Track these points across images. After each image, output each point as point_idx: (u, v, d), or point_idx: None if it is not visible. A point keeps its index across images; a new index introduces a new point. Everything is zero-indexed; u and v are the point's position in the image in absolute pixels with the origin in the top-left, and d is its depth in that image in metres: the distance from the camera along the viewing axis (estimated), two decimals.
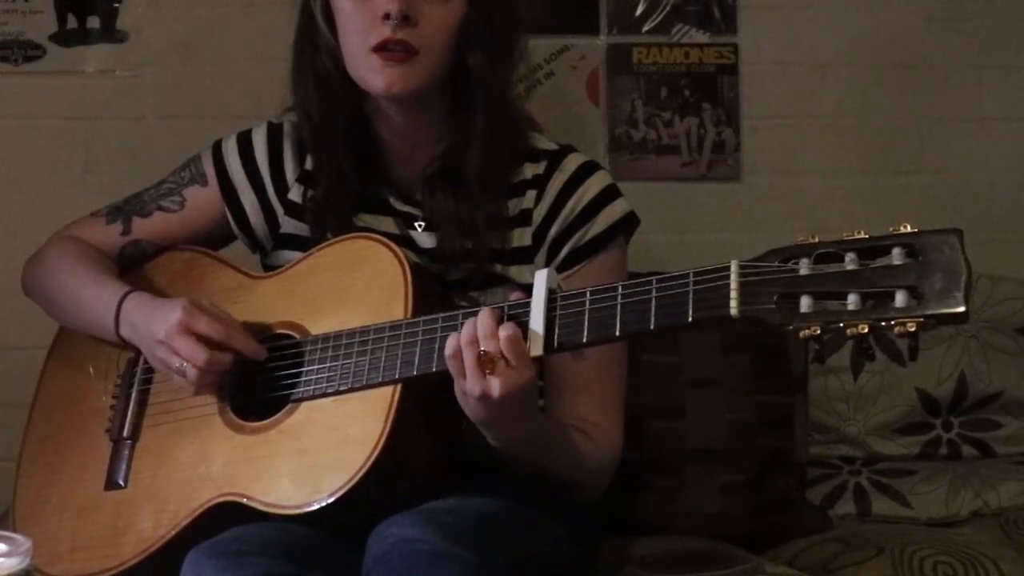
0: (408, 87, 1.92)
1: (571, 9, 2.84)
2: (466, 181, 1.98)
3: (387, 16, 1.89)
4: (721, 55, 2.85)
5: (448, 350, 1.71)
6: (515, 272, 1.99)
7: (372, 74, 1.93)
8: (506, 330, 1.68)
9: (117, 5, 2.75)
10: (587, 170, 2.02)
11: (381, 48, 1.90)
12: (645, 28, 2.84)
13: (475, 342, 1.69)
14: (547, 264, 1.97)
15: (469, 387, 1.70)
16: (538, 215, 2.00)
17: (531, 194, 2.01)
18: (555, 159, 2.02)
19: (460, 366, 1.70)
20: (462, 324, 1.72)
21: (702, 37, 2.85)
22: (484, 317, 1.70)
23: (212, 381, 1.91)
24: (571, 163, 2.02)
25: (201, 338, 1.88)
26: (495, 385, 1.68)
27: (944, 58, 2.89)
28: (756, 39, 2.86)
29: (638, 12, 2.83)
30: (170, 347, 1.89)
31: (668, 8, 2.84)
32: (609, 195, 2.00)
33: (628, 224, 2.02)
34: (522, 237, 2.00)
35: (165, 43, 2.77)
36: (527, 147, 2.05)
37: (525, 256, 2.00)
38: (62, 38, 2.75)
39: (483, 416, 1.74)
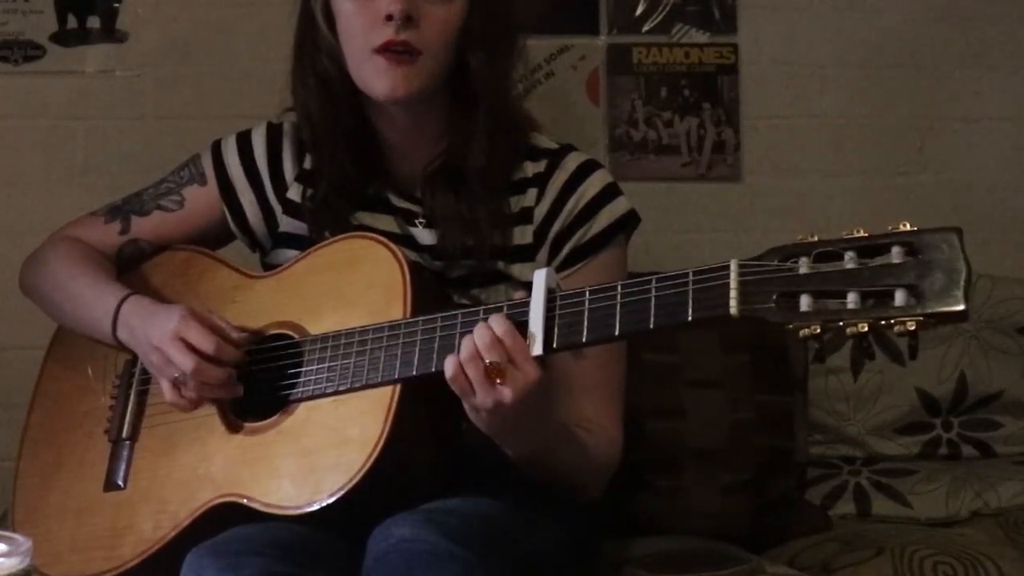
0: (411, 90, 1.92)
1: (571, 9, 2.84)
2: (467, 179, 1.98)
3: (390, 17, 1.89)
4: (721, 55, 2.85)
5: (449, 372, 1.69)
6: (517, 270, 1.99)
7: (375, 77, 1.92)
8: (501, 328, 1.68)
9: (117, 5, 2.75)
10: (588, 169, 2.02)
11: (384, 49, 1.91)
12: (645, 28, 2.84)
13: (477, 356, 1.67)
14: (548, 262, 1.97)
15: (480, 402, 1.68)
16: (539, 213, 2.00)
17: (532, 192, 2.01)
18: (556, 158, 2.03)
19: (466, 384, 1.69)
20: (460, 335, 1.72)
21: (702, 37, 2.85)
22: (481, 329, 1.69)
23: (205, 393, 1.90)
24: (572, 162, 2.02)
25: (194, 349, 1.88)
26: (507, 393, 1.67)
27: (944, 58, 2.89)
28: (756, 39, 2.86)
29: (638, 12, 2.83)
30: (164, 354, 1.89)
31: (668, 8, 2.84)
32: (610, 193, 2.01)
33: (629, 222, 2.02)
34: (523, 235, 2.00)
35: (165, 43, 2.77)
36: (528, 146, 2.05)
37: (527, 254, 2.00)
38: (62, 38, 2.75)
39: (498, 427, 1.73)
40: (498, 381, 1.67)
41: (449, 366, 1.69)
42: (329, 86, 2.00)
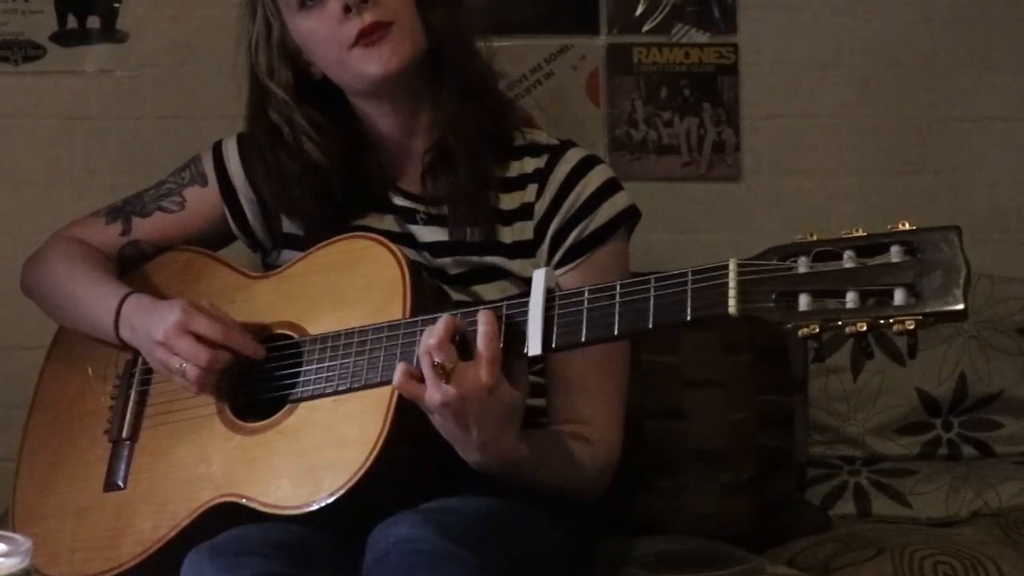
0: (403, 60, 1.93)
1: (571, 9, 2.83)
2: (456, 152, 1.98)
3: (348, 9, 1.90)
4: (721, 55, 2.85)
5: (396, 380, 1.71)
6: (517, 266, 1.99)
7: (363, 64, 1.92)
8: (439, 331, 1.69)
9: (117, 5, 2.75)
10: (588, 164, 2.02)
11: (359, 39, 1.91)
12: (645, 28, 2.83)
13: (426, 353, 1.69)
14: (549, 257, 1.98)
15: (429, 397, 1.70)
16: (540, 209, 2.00)
17: (532, 188, 2.01)
18: (556, 153, 2.03)
19: (417, 389, 1.71)
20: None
21: (702, 37, 2.85)
22: (429, 333, 1.70)
23: (213, 381, 1.91)
24: (572, 157, 2.02)
25: (200, 338, 1.88)
26: (451, 390, 1.67)
27: (944, 58, 2.88)
28: (756, 39, 2.86)
29: (638, 12, 2.83)
30: (169, 348, 1.89)
31: (668, 8, 2.83)
32: (610, 188, 2.01)
33: (630, 217, 2.02)
34: (524, 231, 2.00)
35: (165, 43, 2.77)
36: (527, 141, 2.06)
37: (527, 249, 2.00)
38: (62, 38, 2.74)
39: (453, 430, 1.73)
40: (443, 381, 1.68)
41: (398, 376, 1.71)
42: (322, 133, 2.01)
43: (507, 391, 1.71)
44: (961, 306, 1.43)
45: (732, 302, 1.54)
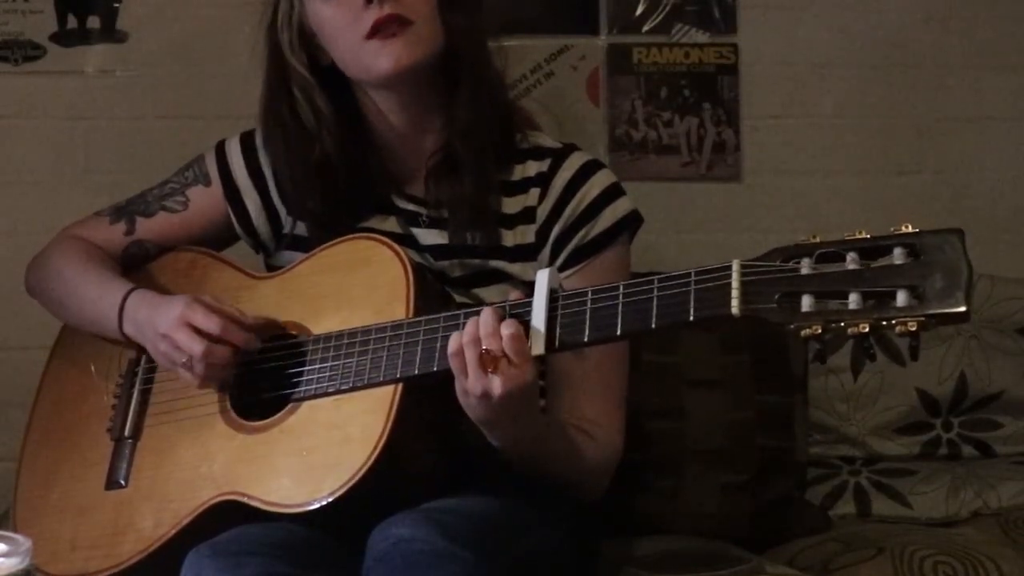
0: (415, 58, 1.92)
1: (571, 9, 2.84)
2: (463, 159, 1.98)
3: (369, 0, 1.90)
4: (721, 55, 2.85)
5: (450, 348, 1.71)
6: (519, 269, 1.99)
7: (376, 58, 1.92)
8: (508, 328, 1.68)
9: (117, 5, 2.75)
10: (591, 168, 2.02)
11: (375, 31, 1.91)
12: (645, 28, 2.84)
13: (477, 341, 1.69)
14: (551, 262, 1.98)
15: (471, 386, 1.70)
16: (542, 212, 2.00)
17: (535, 192, 2.01)
18: (559, 157, 2.03)
19: (462, 364, 1.70)
20: (464, 323, 1.73)
21: (702, 37, 2.85)
22: (486, 315, 1.70)
23: (216, 375, 1.91)
24: (575, 161, 2.02)
25: (201, 332, 1.88)
26: (496, 384, 1.68)
27: (944, 58, 2.89)
28: (756, 39, 2.86)
29: (638, 12, 2.83)
30: (172, 341, 1.90)
31: (668, 8, 2.84)
32: (613, 193, 2.01)
33: (632, 222, 2.02)
34: (525, 234, 2.00)
35: (165, 43, 2.77)
36: (530, 144, 2.05)
37: (529, 253, 2.00)
38: (62, 38, 2.74)
39: (484, 415, 1.74)
40: (490, 370, 1.68)
41: (452, 341, 1.71)
42: (309, 133, 2.01)
43: (537, 378, 1.73)
44: (963, 308, 1.44)
45: (735, 302, 1.55)
